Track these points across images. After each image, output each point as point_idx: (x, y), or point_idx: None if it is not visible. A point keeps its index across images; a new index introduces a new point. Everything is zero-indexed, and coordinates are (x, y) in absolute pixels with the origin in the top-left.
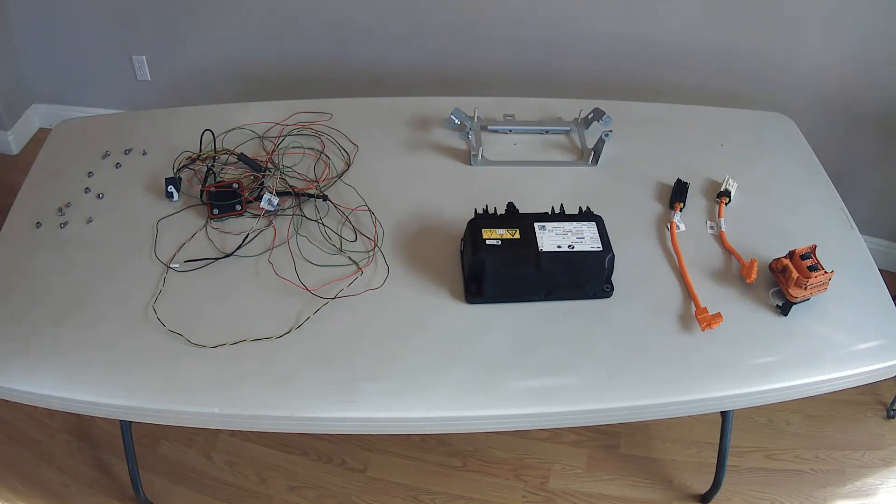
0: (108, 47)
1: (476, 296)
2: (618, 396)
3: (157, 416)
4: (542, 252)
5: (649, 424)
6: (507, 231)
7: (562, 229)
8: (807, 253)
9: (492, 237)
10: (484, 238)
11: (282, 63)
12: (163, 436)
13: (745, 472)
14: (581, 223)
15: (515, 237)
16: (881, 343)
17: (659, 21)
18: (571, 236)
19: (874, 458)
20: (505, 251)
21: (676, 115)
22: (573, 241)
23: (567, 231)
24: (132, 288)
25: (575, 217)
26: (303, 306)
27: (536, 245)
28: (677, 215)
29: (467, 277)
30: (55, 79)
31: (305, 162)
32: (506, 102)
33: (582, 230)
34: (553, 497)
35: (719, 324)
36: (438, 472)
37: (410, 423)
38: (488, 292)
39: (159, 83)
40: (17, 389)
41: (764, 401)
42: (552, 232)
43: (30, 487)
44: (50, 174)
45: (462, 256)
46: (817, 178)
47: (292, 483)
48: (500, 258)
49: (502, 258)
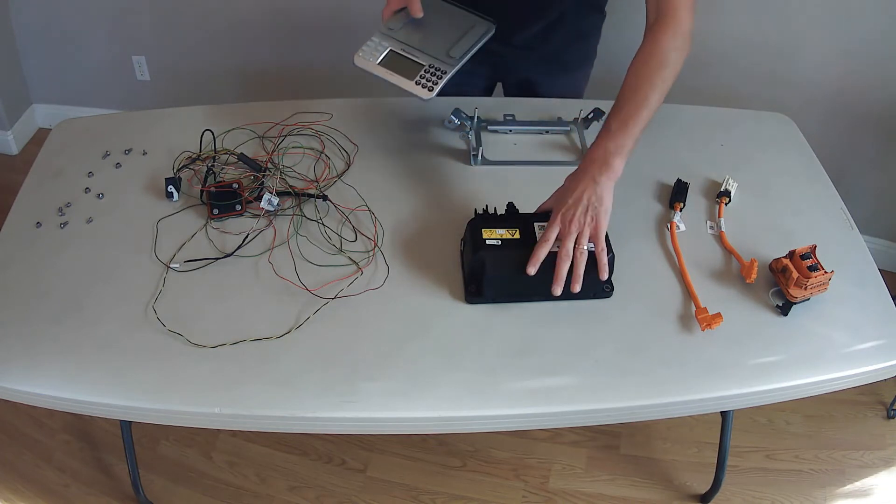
0: (108, 47)
1: (476, 296)
2: (618, 396)
3: (157, 416)
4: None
5: (649, 424)
6: (507, 231)
7: None
8: (807, 253)
9: (492, 237)
10: (484, 238)
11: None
12: (163, 436)
13: (745, 472)
14: None
15: (515, 237)
16: (881, 343)
17: None
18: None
19: (874, 458)
20: (505, 251)
21: (676, 115)
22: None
23: None
24: (132, 288)
25: None
26: (303, 306)
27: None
28: (677, 215)
29: (467, 277)
30: (55, 79)
31: (305, 162)
32: (506, 102)
33: None
34: (553, 497)
35: (719, 324)
36: (438, 472)
37: (410, 423)
38: (488, 292)
39: (159, 83)
40: (17, 389)
41: (764, 401)
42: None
43: (30, 487)
44: (50, 174)
45: (462, 256)
46: (817, 178)
47: (292, 483)
48: (500, 258)
49: (502, 258)
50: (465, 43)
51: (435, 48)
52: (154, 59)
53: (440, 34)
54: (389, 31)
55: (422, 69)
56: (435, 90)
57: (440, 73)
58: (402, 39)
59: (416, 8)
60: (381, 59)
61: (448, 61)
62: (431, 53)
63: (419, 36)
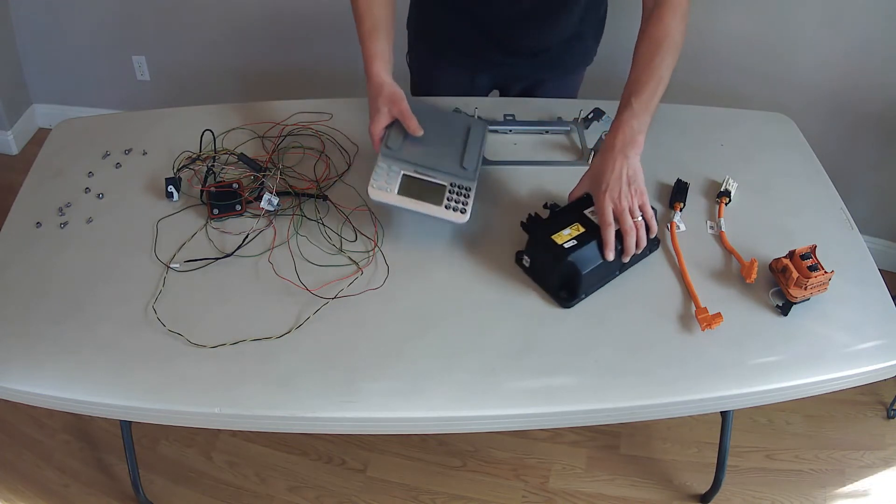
0: (108, 47)
1: (571, 299)
2: (618, 396)
3: (157, 416)
4: None
5: (649, 424)
6: (572, 229)
7: None
8: (807, 253)
9: (566, 240)
10: (561, 244)
11: (282, 63)
12: (163, 436)
13: (745, 472)
14: None
15: (582, 231)
16: (881, 343)
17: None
18: None
19: (874, 458)
20: (587, 248)
21: (676, 115)
22: None
23: None
24: (132, 288)
25: None
26: (303, 306)
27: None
28: (677, 215)
29: (556, 286)
30: (55, 79)
31: (305, 162)
32: (506, 102)
33: None
34: (553, 497)
35: (719, 324)
36: (438, 472)
37: (410, 423)
38: (583, 291)
39: (159, 83)
40: (17, 389)
41: (764, 401)
42: None
43: (30, 487)
44: (50, 174)
45: (530, 270)
46: (817, 178)
47: (292, 483)
48: (586, 256)
49: (588, 255)
50: (472, 151)
51: (447, 163)
52: (154, 59)
53: (445, 146)
54: (391, 151)
55: (445, 191)
56: (468, 211)
57: (465, 191)
58: (410, 160)
59: (415, 127)
60: (399, 188)
61: (466, 175)
62: (447, 170)
63: (425, 152)
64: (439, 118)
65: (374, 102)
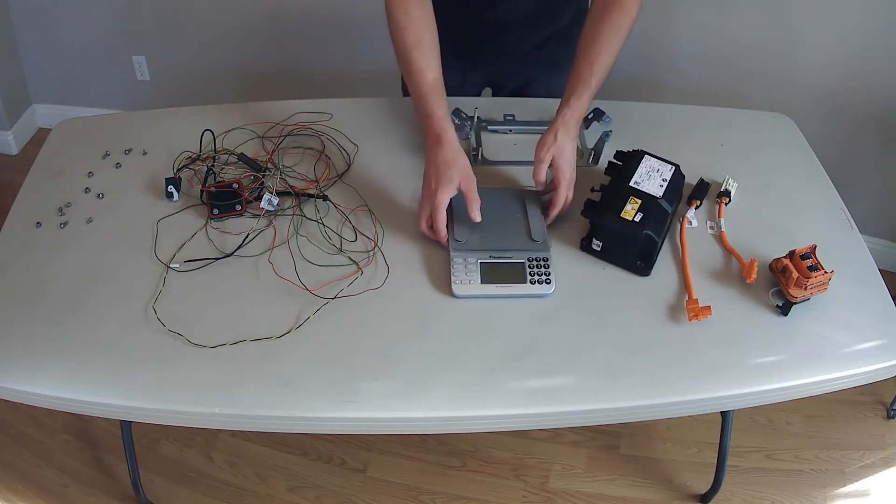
0: (108, 47)
1: (646, 270)
2: (618, 396)
3: (157, 416)
4: (660, 199)
5: (649, 424)
6: (632, 203)
7: (645, 174)
8: (807, 253)
9: (633, 215)
10: (631, 219)
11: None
12: (163, 436)
13: (745, 472)
14: (633, 166)
15: (640, 203)
16: (881, 343)
17: (659, 22)
18: (653, 173)
19: (874, 458)
20: (653, 218)
21: (676, 115)
22: (657, 176)
23: (645, 175)
24: (132, 288)
25: (627, 161)
26: (303, 306)
27: (656, 197)
28: (692, 211)
29: (634, 259)
30: (55, 79)
31: (305, 162)
32: (506, 102)
33: (644, 169)
34: (553, 497)
35: (707, 316)
36: (438, 472)
37: (410, 423)
38: (655, 256)
39: (159, 83)
40: (17, 389)
41: (764, 401)
42: (646, 181)
43: (30, 487)
44: (50, 174)
45: (601, 252)
46: (817, 178)
47: (292, 483)
48: (656, 225)
49: (657, 224)
50: (536, 221)
51: (519, 241)
52: (154, 59)
53: (508, 224)
54: (462, 244)
55: (525, 267)
56: (552, 280)
57: (544, 262)
58: (483, 248)
59: (477, 214)
60: (481, 277)
61: (538, 247)
62: (519, 248)
63: (493, 235)
64: (490, 197)
65: (446, 168)
